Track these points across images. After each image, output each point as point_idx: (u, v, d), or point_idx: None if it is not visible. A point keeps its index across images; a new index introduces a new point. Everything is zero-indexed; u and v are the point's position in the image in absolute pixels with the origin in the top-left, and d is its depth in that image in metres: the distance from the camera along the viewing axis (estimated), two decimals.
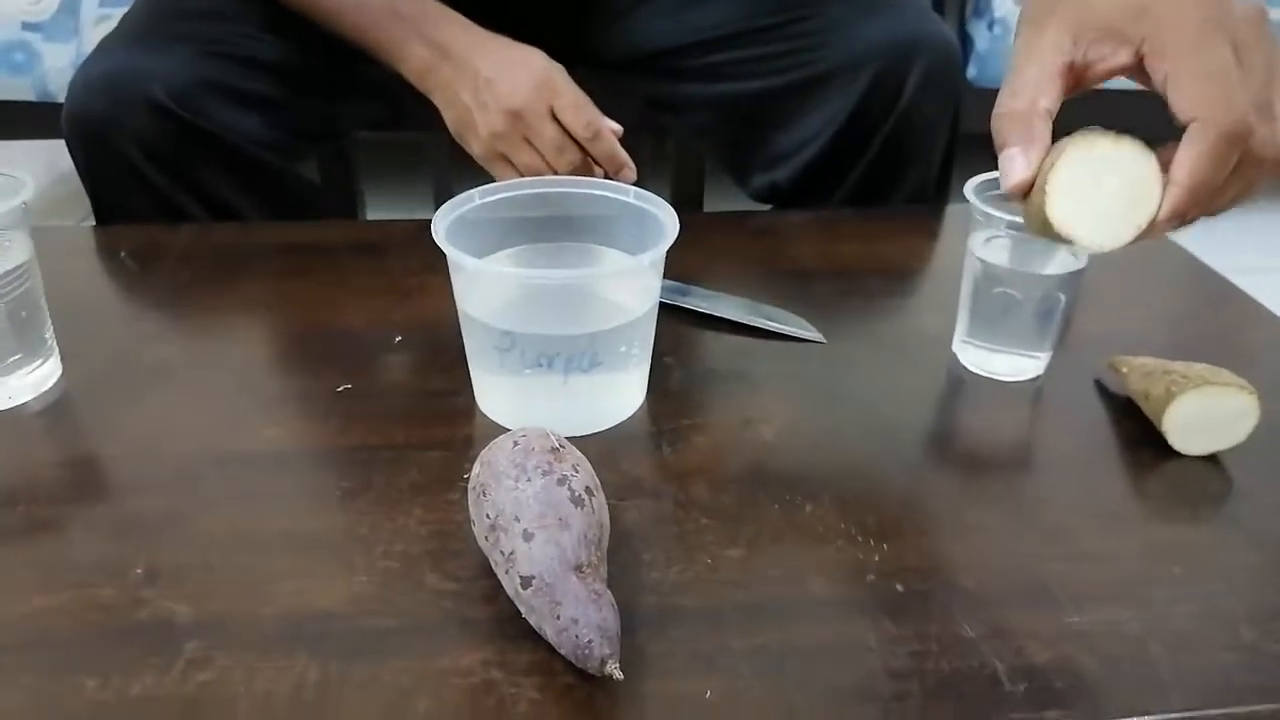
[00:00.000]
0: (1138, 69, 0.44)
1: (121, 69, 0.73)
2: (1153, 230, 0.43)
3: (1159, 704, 0.39)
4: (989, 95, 0.46)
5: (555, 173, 0.74)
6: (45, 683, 0.39)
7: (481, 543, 0.43)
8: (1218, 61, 0.41)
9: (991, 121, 0.45)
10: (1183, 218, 0.42)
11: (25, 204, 0.54)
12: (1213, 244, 0.84)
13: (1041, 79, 0.44)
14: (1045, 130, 0.43)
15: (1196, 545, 0.48)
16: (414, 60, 0.75)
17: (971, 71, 1.58)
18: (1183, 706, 0.39)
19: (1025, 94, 0.44)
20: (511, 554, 0.41)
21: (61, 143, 0.77)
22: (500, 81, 0.72)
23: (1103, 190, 0.42)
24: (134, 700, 0.39)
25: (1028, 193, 0.44)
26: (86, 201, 0.80)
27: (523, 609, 0.41)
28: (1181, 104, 0.41)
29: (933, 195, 0.87)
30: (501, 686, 0.39)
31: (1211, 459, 0.53)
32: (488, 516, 0.42)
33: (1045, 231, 0.43)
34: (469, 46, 0.73)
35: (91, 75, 0.74)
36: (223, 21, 0.78)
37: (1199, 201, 0.42)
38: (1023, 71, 0.44)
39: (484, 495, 0.43)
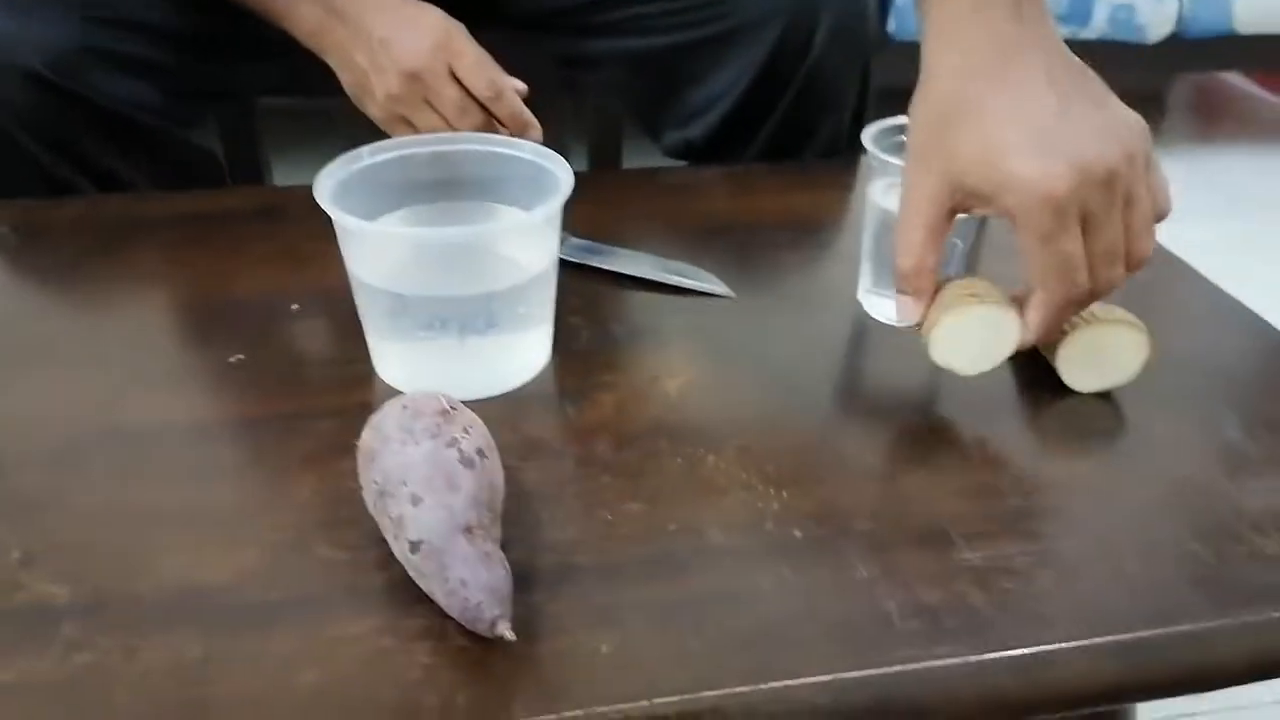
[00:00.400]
0: None
1: None
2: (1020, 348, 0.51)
3: (1045, 635, 0.40)
4: (909, 49, 0.46)
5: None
6: None
7: (371, 509, 0.42)
8: (1062, 254, 0.46)
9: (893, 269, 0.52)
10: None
11: None
12: None
13: (926, 240, 0.50)
14: (931, 281, 0.52)
15: (1086, 481, 0.49)
16: (305, 21, 0.72)
17: (891, 25, 1.58)
18: (1068, 637, 0.40)
19: (914, 254, 0.51)
20: (400, 518, 0.40)
21: None
22: (396, 42, 0.70)
23: (972, 338, 0.51)
24: (9, 685, 0.37)
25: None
26: None
27: (413, 574, 0.40)
28: (1031, 274, 0.48)
29: (845, 148, 0.87)
30: (393, 654, 0.39)
31: (1105, 396, 0.54)
32: (375, 482, 0.41)
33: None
34: (362, 6, 0.71)
35: None
36: None
37: (1050, 335, 0.51)
38: (910, 230, 0.51)
39: (372, 460, 0.42)
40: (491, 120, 0.73)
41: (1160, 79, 2.37)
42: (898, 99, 0.61)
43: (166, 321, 0.61)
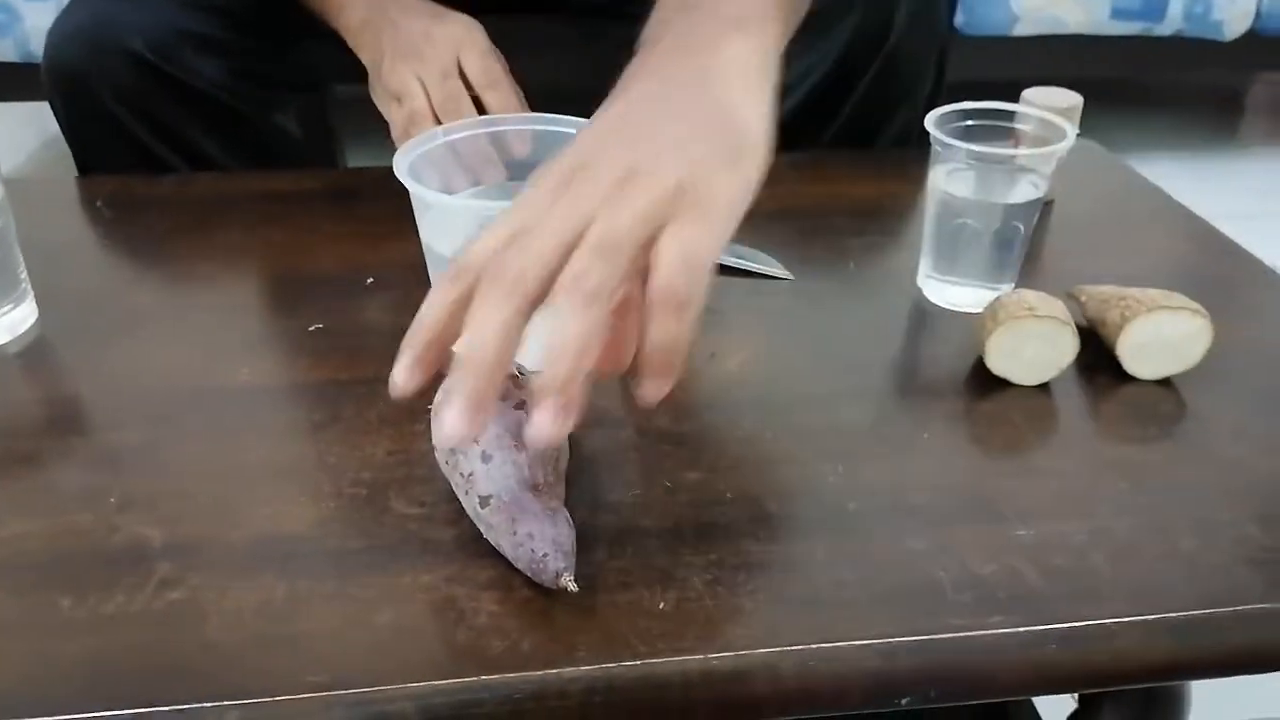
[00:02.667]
0: None
1: (99, 19, 0.74)
2: None
3: (1097, 610, 0.41)
4: (977, 43, 0.47)
5: (431, 104, 0.70)
6: (21, 601, 0.41)
7: (443, 467, 0.44)
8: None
9: None
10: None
11: None
12: (1204, 191, 0.85)
13: None
14: None
15: (1144, 463, 0.49)
16: (351, 20, 0.74)
17: (960, 19, 1.57)
18: (1120, 613, 0.41)
19: None
20: (470, 475, 0.42)
21: (45, 105, 0.78)
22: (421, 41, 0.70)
23: (1027, 350, 0.53)
24: (107, 617, 0.40)
25: None
26: (72, 163, 0.80)
27: (482, 528, 0.42)
28: None
29: (919, 138, 0.87)
30: (461, 600, 0.41)
31: (1165, 383, 0.54)
32: None
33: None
34: (398, 10, 0.72)
35: (69, 26, 0.74)
36: None
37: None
38: None
39: None
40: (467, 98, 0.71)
41: (1239, 78, 2.31)
42: (967, 93, 0.61)
43: (251, 292, 0.64)
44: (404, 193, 0.52)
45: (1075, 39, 1.65)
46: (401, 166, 0.53)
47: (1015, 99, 0.64)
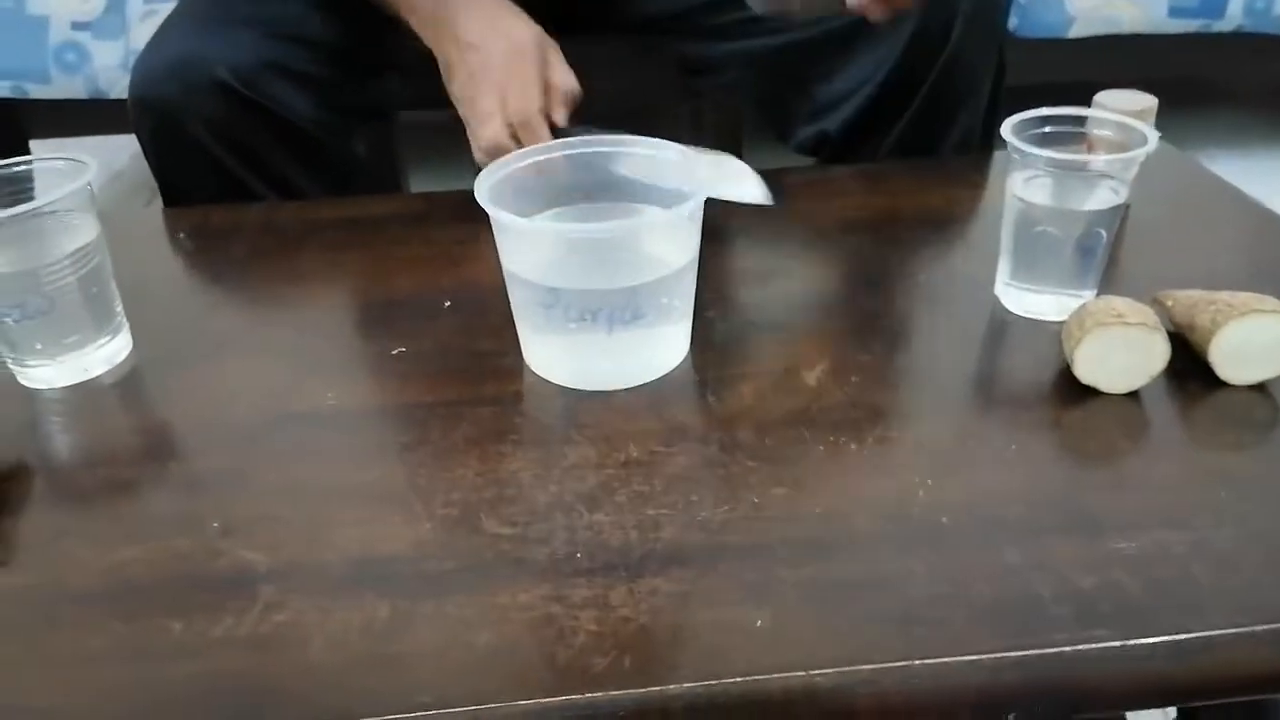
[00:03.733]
0: None
1: (188, 52, 0.76)
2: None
3: (1200, 623, 0.40)
4: (1031, 46, 0.47)
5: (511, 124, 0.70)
6: (132, 627, 0.42)
7: None
8: None
9: None
10: None
11: (90, 185, 0.56)
12: (1276, 189, 0.83)
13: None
14: None
15: (1241, 471, 0.48)
16: (420, 13, 0.74)
17: (1014, 22, 1.55)
18: (1224, 625, 0.40)
19: None
20: None
21: (115, 139, 0.80)
22: (482, 47, 0.71)
23: (1115, 358, 0.52)
24: (216, 640, 0.41)
25: None
26: (144, 195, 0.83)
27: None
28: None
29: (979, 142, 0.86)
30: (560, 619, 0.41)
31: (1260, 388, 0.53)
32: None
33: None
34: (458, 7, 0.72)
35: (157, 60, 0.76)
36: (275, 3, 0.80)
37: None
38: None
39: None
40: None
41: None
42: (1026, 97, 0.61)
43: (333, 317, 0.65)
44: (477, 215, 0.53)
45: (1133, 39, 1.62)
46: (482, 191, 0.53)
47: (1075, 101, 0.63)
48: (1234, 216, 0.72)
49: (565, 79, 0.72)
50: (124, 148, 0.80)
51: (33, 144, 1.58)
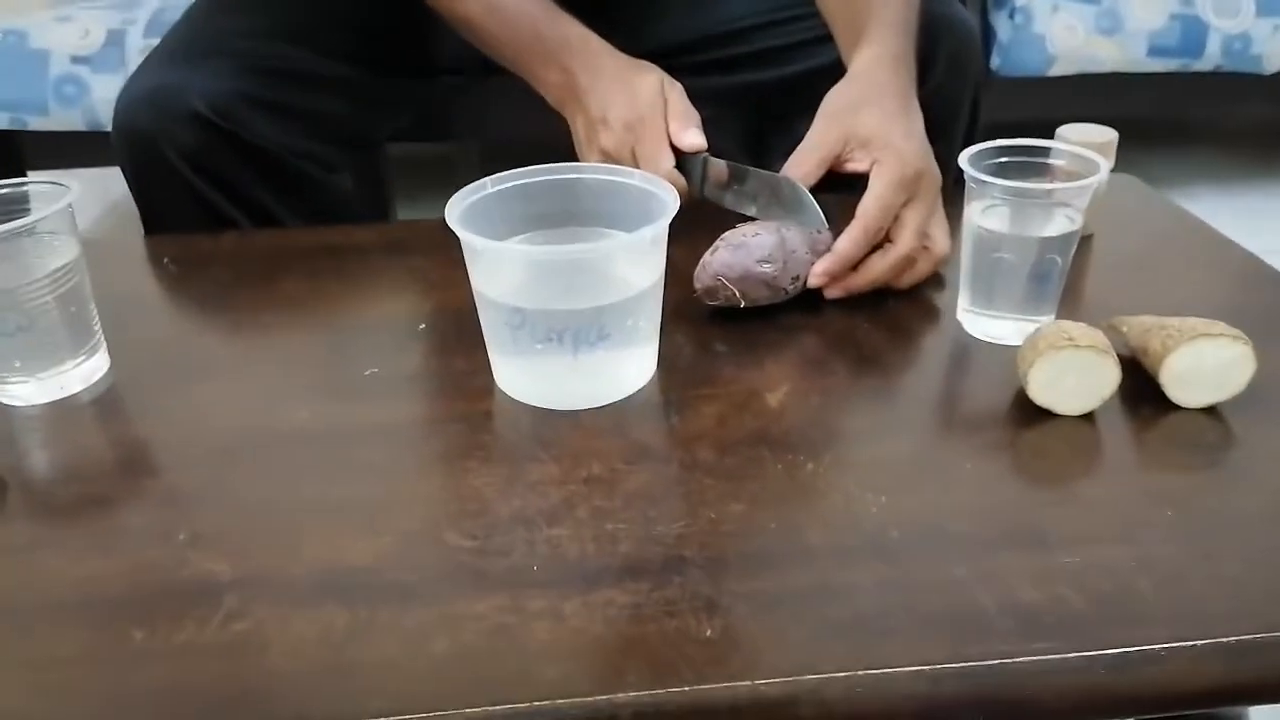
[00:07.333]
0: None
1: (164, 84, 0.78)
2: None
3: (1143, 636, 0.41)
4: (1012, 85, 0.48)
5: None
6: (97, 634, 0.43)
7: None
8: (889, 203, 0.64)
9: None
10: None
11: (69, 207, 0.58)
12: (1247, 227, 0.85)
13: (818, 165, 0.67)
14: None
15: (1190, 491, 0.49)
16: (550, 84, 0.76)
17: (995, 61, 1.59)
18: (1166, 639, 0.41)
19: (804, 169, 0.67)
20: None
21: (112, 170, 0.82)
22: (614, 104, 0.72)
23: (1067, 380, 0.53)
24: (178, 648, 0.42)
25: None
26: (138, 225, 0.84)
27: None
28: (861, 207, 0.64)
29: (955, 177, 0.88)
30: (514, 629, 0.42)
31: (1211, 411, 0.54)
32: None
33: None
34: (591, 73, 0.74)
35: (136, 92, 0.79)
36: (257, 38, 0.82)
37: (843, 265, 0.64)
38: (807, 154, 0.67)
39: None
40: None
41: None
42: (1007, 134, 0.62)
43: (309, 341, 0.67)
44: (456, 243, 0.54)
45: (1113, 78, 1.65)
46: (453, 214, 0.55)
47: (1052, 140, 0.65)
48: (1198, 249, 0.74)
49: (684, 115, 0.73)
50: (120, 179, 0.82)
51: (31, 175, 1.61)
